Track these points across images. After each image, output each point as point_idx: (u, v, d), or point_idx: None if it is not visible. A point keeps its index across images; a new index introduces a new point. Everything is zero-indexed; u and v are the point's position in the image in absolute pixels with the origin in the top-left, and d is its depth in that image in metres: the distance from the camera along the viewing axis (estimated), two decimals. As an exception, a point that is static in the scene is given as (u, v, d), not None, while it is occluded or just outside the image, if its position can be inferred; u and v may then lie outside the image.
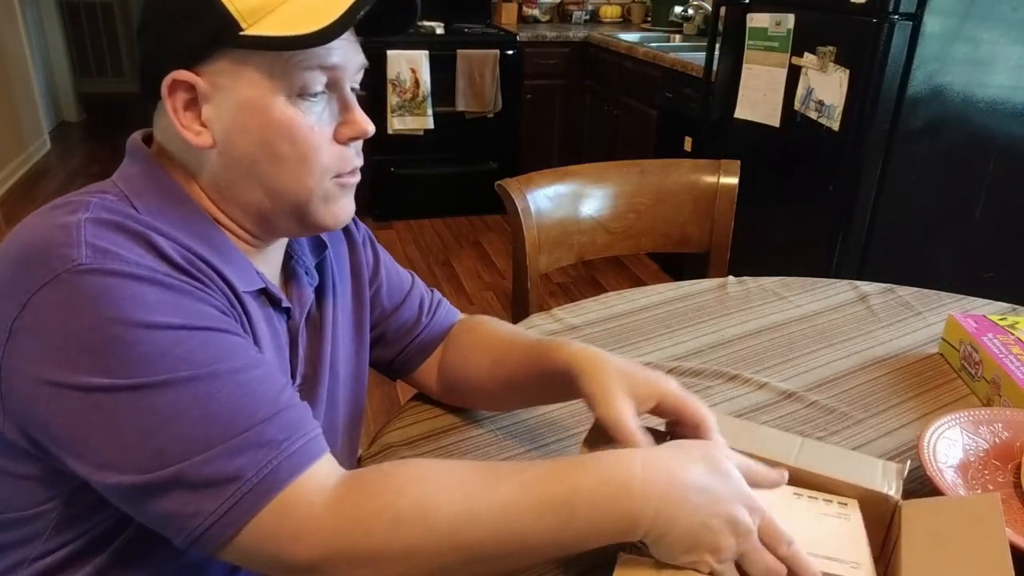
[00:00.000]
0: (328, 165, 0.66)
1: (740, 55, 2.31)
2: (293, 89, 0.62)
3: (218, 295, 0.61)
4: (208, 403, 0.54)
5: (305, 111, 0.63)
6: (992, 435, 0.80)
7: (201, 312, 0.57)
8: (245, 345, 0.59)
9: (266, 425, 0.55)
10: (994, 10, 1.91)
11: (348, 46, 0.64)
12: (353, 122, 0.67)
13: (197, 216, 0.65)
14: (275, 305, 0.70)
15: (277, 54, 0.60)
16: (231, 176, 0.65)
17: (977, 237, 2.15)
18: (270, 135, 0.62)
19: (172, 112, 0.62)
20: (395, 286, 0.88)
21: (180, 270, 0.58)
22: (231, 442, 0.54)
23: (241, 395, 0.56)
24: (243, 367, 0.57)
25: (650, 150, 3.09)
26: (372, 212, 3.69)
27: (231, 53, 0.60)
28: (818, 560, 0.57)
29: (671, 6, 3.77)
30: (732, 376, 0.99)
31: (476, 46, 3.47)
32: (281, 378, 0.60)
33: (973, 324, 1.01)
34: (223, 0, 0.59)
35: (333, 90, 0.65)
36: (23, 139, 4.34)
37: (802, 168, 2.16)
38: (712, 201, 1.50)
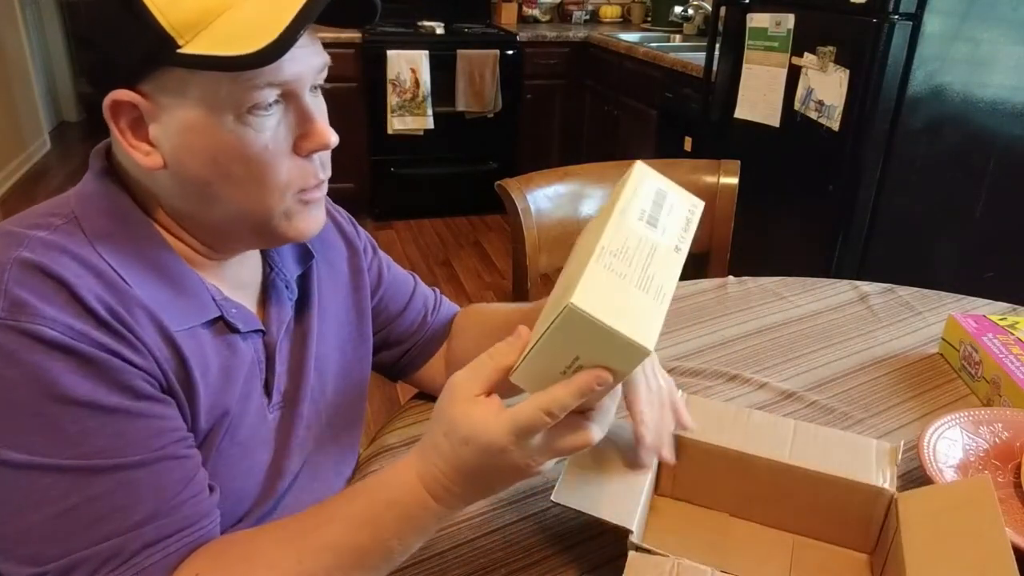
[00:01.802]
0: (288, 181, 0.61)
1: (740, 55, 2.31)
2: (241, 107, 0.57)
3: (141, 352, 0.57)
4: (79, 499, 0.53)
5: (258, 128, 0.58)
6: (992, 435, 0.80)
7: (109, 388, 0.55)
8: (151, 430, 0.57)
9: (132, 536, 0.54)
10: (994, 10, 1.91)
11: (302, 52, 0.58)
12: (313, 134, 0.62)
13: (149, 239, 0.62)
14: (236, 331, 0.66)
15: (221, 73, 0.55)
16: (186, 195, 0.62)
17: (977, 237, 2.15)
18: (220, 157, 0.59)
19: (118, 133, 0.59)
20: (398, 291, 0.88)
21: (101, 325, 0.55)
22: (88, 551, 0.52)
23: (119, 496, 0.54)
24: (135, 463, 0.55)
25: (650, 150, 3.09)
26: (372, 212, 3.69)
27: (172, 71, 0.56)
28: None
29: (671, 6, 3.77)
30: (732, 376, 0.99)
31: (476, 46, 3.46)
32: (183, 467, 0.58)
33: (973, 324, 1.01)
34: (155, 15, 0.54)
35: (289, 100, 0.60)
36: (23, 139, 4.33)
37: (802, 168, 2.16)
38: (712, 201, 1.50)
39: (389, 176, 3.60)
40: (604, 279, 0.48)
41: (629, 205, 0.53)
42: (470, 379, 0.53)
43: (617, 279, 0.48)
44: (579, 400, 0.49)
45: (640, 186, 0.55)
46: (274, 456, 0.70)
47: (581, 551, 0.69)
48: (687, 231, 0.55)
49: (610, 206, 0.54)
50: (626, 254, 0.50)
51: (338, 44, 3.33)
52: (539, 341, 0.48)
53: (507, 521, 0.73)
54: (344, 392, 0.80)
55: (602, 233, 0.50)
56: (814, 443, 0.71)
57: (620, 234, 0.51)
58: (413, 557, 0.68)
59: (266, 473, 0.70)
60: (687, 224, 0.56)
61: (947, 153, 2.02)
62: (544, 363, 0.50)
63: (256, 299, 0.72)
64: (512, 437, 0.50)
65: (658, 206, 0.55)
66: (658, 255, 0.52)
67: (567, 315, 0.46)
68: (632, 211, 0.53)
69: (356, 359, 0.82)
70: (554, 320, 0.47)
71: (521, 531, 0.72)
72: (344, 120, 3.45)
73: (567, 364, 0.49)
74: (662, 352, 1.04)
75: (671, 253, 0.53)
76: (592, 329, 0.46)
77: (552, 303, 0.51)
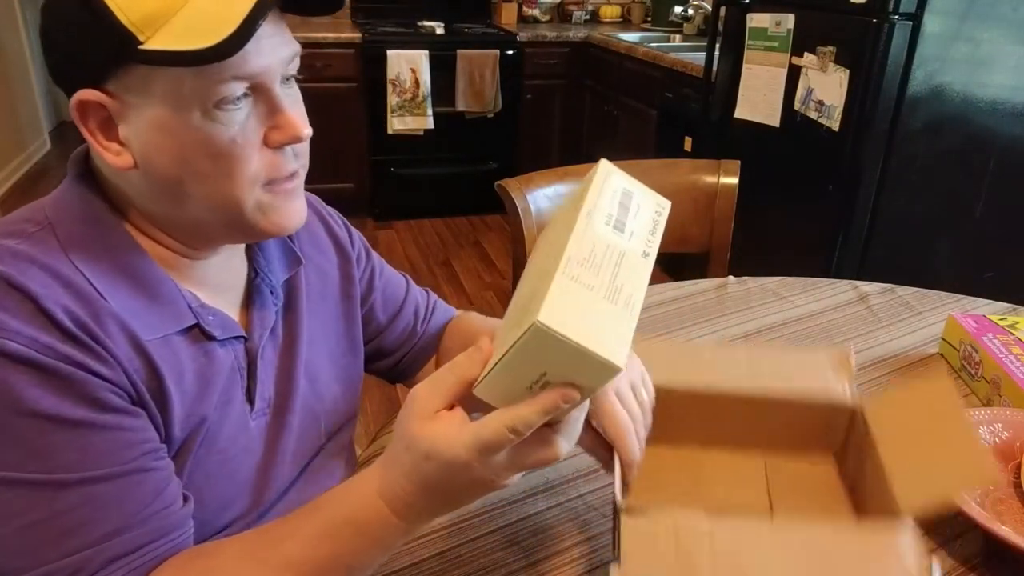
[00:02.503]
0: (257, 174, 0.60)
1: (740, 55, 2.31)
2: (208, 102, 0.56)
3: (109, 364, 0.56)
4: (43, 513, 0.52)
5: (226, 123, 0.57)
6: (992, 435, 0.80)
7: (75, 401, 0.54)
8: (118, 443, 0.56)
9: (97, 551, 0.53)
10: (994, 10, 1.91)
11: (269, 43, 0.57)
12: (284, 126, 0.60)
13: (124, 246, 0.62)
14: (212, 338, 0.65)
15: (184, 69, 0.55)
16: (158, 195, 0.61)
17: (977, 237, 2.15)
18: (188, 154, 0.58)
19: (88, 134, 0.59)
20: (390, 297, 0.87)
21: (67, 337, 0.54)
22: (51, 565, 0.52)
23: (82, 512, 0.53)
24: (100, 477, 0.54)
25: (650, 150, 3.09)
26: (372, 212, 3.69)
27: (136, 69, 0.55)
28: None
29: (671, 6, 3.77)
30: (732, 376, 0.98)
31: (476, 46, 3.46)
32: (151, 480, 0.57)
33: (973, 324, 1.01)
34: (114, 12, 0.53)
35: (259, 93, 0.59)
36: (23, 139, 4.33)
37: (802, 168, 2.16)
38: (712, 201, 1.50)
39: (389, 176, 3.60)
40: (571, 292, 0.45)
41: (595, 208, 0.51)
42: (431, 393, 0.50)
43: (585, 291, 0.46)
44: (545, 418, 0.47)
45: (605, 186, 0.52)
46: (260, 464, 0.69)
47: (581, 551, 0.69)
48: (654, 234, 0.53)
49: (575, 206, 0.52)
50: (593, 263, 0.48)
51: (338, 44, 3.33)
52: (504, 357, 0.46)
53: (507, 521, 0.73)
54: (339, 399, 0.79)
55: (568, 240, 0.47)
56: (770, 365, 0.72)
57: (586, 241, 0.48)
58: (413, 557, 0.68)
59: (251, 481, 0.68)
60: (654, 227, 0.53)
61: (947, 153, 2.02)
62: (509, 378, 0.47)
63: (239, 303, 0.71)
64: (475, 453, 0.48)
65: (624, 208, 0.52)
66: (626, 262, 0.49)
67: (534, 332, 0.43)
68: (598, 215, 0.50)
69: (348, 366, 0.81)
70: (520, 337, 0.44)
71: (521, 531, 0.72)
72: (344, 120, 3.46)
73: (533, 380, 0.47)
74: (662, 352, 1.04)
75: (639, 260, 0.50)
76: (560, 347, 0.44)
77: (516, 313, 0.49)
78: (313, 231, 0.80)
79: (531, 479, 0.78)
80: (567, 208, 0.54)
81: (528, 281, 0.52)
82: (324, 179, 3.51)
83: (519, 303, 0.51)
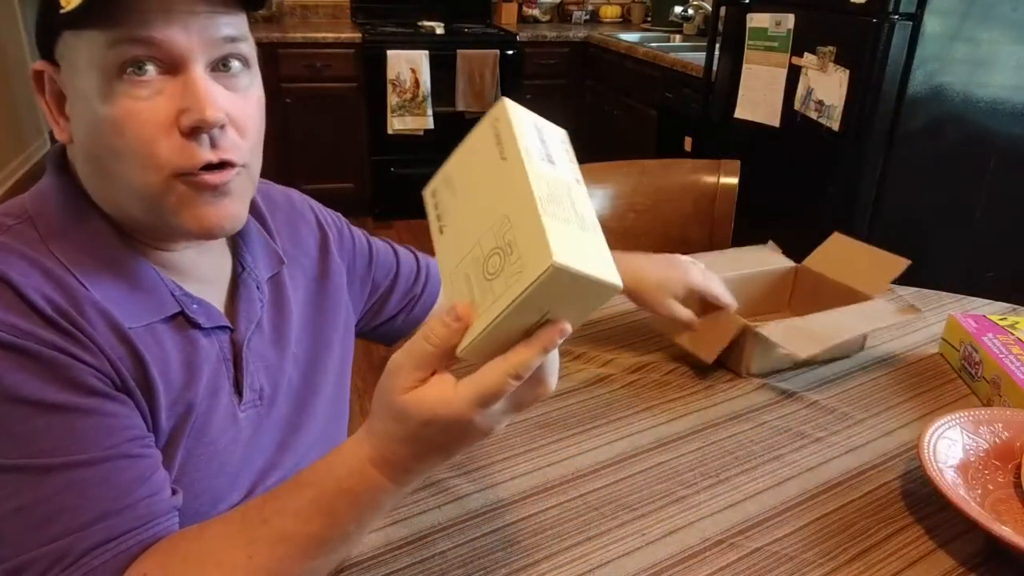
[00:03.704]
0: (167, 159, 0.57)
1: (740, 55, 2.30)
2: (113, 68, 0.54)
3: (91, 351, 0.56)
4: (27, 498, 0.52)
5: (133, 97, 0.55)
6: (992, 435, 0.80)
7: (58, 386, 0.54)
8: (102, 428, 0.55)
9: (78, 537, 0.53)
10: (994, 10, 1.91)
11: (184, 16, 0.55)
12: (191, 109, 0.56)
13: (103, 234, 0.61)
14: (197, 326, 0.65)
15: (96, 34, 0.54)
16: (92, 172, 0.61)
17: (977, 237, 2.15)
18: (101, 127, 0.56)
19: (44, 106, 0.60)
20: (384, 264, 0.91)
21: (48, 323, 0.54)
22: (35, 552, 0.52)
23: (66, 497, 0.53)
24: (83, 462, 0.54)
25: (650, 150, 3.09)
26: (372, 212, 3.69)
27: (65, 37, 0.56)
28: None
29: (671, 6, 3.77)
30: (732, 375, 0.99)
31: (476, 46, 3.46)
32: (137, 466, 0.57)
33: (973, 324, 1.01)
34: None
35: (175, 71, 0.56)
36: (23, 139, 4.33)
37: (802, 168, 2.16)
38: (712, 201, 1.51)
39: (389, 176, 3.60)
40: (558, 229, 0.45)
41: (528, 147, 0.50)
42: (412, 366, 0.49)
43: (565, 225, 0.46)
44: (543, 357, 0.47)
45: (521, 125, 0.51)
46: (252, 456, 0.69)
47: (581, 551, 0.69)
48: (573, 162, 0.54)
49: (498, 150, 0.50)
50: (554, 198, 0.48)
51: (338, 44, 3.33)
52: (506, 310, 0.45)
53: (507, 521, 0.73)
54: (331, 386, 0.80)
55: (527, 182, 0.47)
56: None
57: (541, 179, 0.48)
58: (413, 557, 0.68)
59: (243, 473, 0.68)
60: (568, 155, 0.55)
61: (947, 153, 2.02)
62: (505, 332, 0.47)
63: (224, 296, 0.70)
64: (476, 408, 0.47)
65: (543, 142, 0.53)
66: (573, 192, 0.51)
67: (552, 274, 0.43)
68: (534, 153, 0.50)
69: (341, 351, 0.82)
70: (532, 284, 0.44)
71: (521, 531, 0.72)
72: (344, 120, 3.46)
73: (534, 322, 0.47)
74: (663, 351, 1.04)
75: (578, 187, 0.52)
76: (572, 282, 0.44)
77: (487, 266, 0.48)
78: (301, 236, 0.80)
79: (531, 479, 0.78)
80: (483, 152, 0.52)
81: (470, 232, 0.50)
82: (324, 179, 3.52)
83: (479, 255, 0.49)
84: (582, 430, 0.87)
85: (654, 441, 0.85)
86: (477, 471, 0.79)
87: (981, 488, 0.75)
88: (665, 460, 0.82)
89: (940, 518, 0.74)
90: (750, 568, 0.68)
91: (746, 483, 0.79)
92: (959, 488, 0.72)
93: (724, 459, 0.83)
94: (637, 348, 1.05)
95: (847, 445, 0.85)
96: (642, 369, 1.00)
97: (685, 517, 0.74)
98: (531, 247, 0.45)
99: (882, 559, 0.69)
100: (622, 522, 0.73)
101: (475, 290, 0.48)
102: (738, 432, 0.87)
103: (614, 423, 0.88)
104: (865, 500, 0.77)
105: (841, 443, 0.86)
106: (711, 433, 0.87)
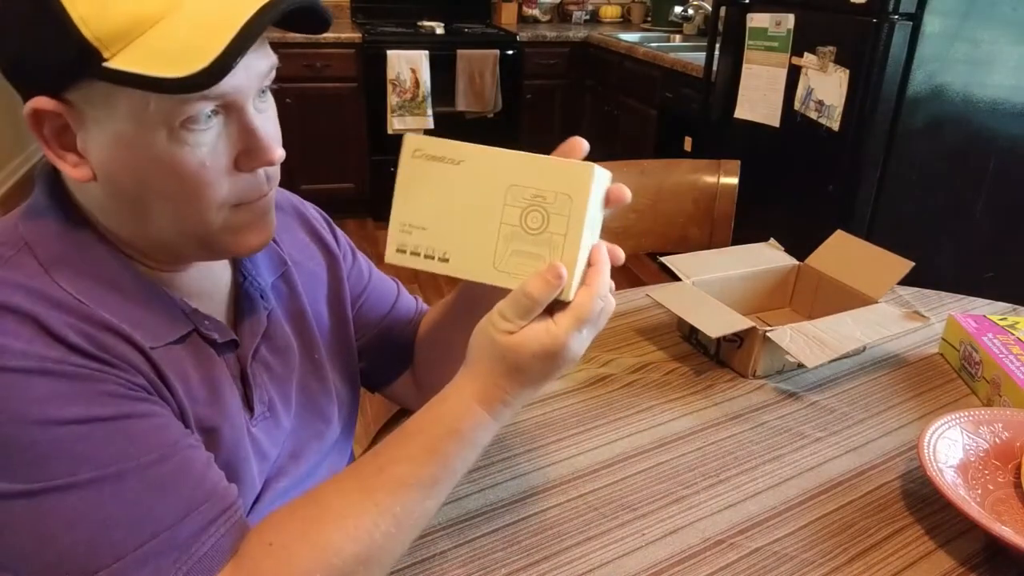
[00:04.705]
0: (227, 198, 0.58)
1: (740, 55, 2.31)
2: (174, 122, 0.52)
3: (123, 369, 0.55)
4: (113, 506, 0.51)
5: (194, 144, 0.54)
6: (992, 435, 0.80)
7: (103, 399, 0.53)
8: (159, 427, 0.55)
9: (176, 529, 0.53)
10: (994, 10, 1.91)
11: (245, 61, 0.52)
12: (257, 151, 0.57)
13: (106, 258, 0.59)
14: (212, 343, 0.64)
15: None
16: (119, 210, 0.58)
17: (977, 237, 2.15)
18: (151, 174, 0.55)
19: (43, 143, 0.55)
20: (380, 298, 0.86)
21: (75, 350, 0.53)
22: (138, 552, 0.51)
23: (150, 495, 0.53)
24: (154, 461, 0.54)
25: (650, 150, 3.09)
26: (372, 212, 3.69)
27: (98, 83, 0.51)
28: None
29: (671, 6, 3.77)
30: (732, 375, 0.99)
31: (476, 46, 3.46)
32: (201, 456, 0.57)
33: (973, 324, 1.01)
34: (78, 25, 0.49)
35: (230, 112, 0.55)
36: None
37: (802, 168, 2.16)
38: (712, 201, 1.51)
39: (389, 176, 3.58)
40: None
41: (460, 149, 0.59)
42: (515, 315, 0.56)
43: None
44: (608, 271, 0.58)
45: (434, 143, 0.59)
46: (262, 469, 0.68)
47: (581, 551, 0.69)
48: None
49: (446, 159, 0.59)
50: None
51: (338, 44, 3.33)
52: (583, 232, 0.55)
53: (507, 521, 0.73)
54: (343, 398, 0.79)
55: (505, 153, 0.57)
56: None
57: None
58: (413, 557, 0.68)
59: (254, 486, 0.68)
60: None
61: (947, 153, 2.02)
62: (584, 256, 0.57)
63: (225, 310, 0.69)
64: (576, 332, 0.56)
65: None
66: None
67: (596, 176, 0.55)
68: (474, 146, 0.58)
69: (348, 364, 0.81)
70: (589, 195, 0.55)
71: (521, 531, 0.72)
72: (344, 120, 3.46)
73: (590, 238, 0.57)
74: (663, 351, 1.05)
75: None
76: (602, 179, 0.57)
77: (520, 238, 0.57)
78: (295, 234, 0.79)
79: (531, 479, 0.78)
80: (428, 176, 0.59)
81: (480, 228, 0.58)
82: (324, 179, 3.51)
83: (512, 229, 0.57)
84: (582, 430, 0.87)
85: (654, 441, 0.85)
86: (477, 471, 0.79)
87: (981, 488, 0.75)
88: (665, 460, 0.82)
89: (940, 518, 0.74)
90: (750, 568, 0.68)
91: (746, 483, 0.79)
92: (959, 488, 0.72)
93: (724, 459, 0.83)
94: (637, 348, 1.05)
95: (847, 445, 0.85)
96: (642, 369, 1.00)
97: (685, 517, 0.74)
98: (562, 178, 0.56)
99: (882, 559, 0.69)
100: (622, 522, 0.73)
101: (534, 251, 0.57)
102: (738, 432, 0.87)
103: (614, 423, 0.88)
104: (865, 500, 0.77)
105: (841, 443, 0.86)
106: (711, 433, 0.87)
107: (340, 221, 0.97)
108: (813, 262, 1.15)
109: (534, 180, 0.56)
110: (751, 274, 1.14)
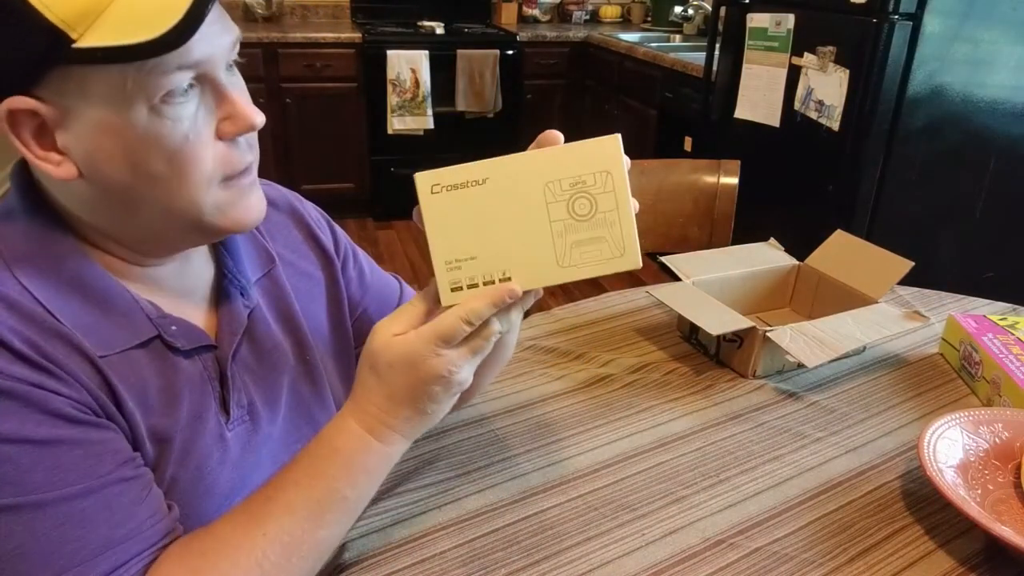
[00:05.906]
0: (214, 171, 0.57)
1: (740, 55, 2.31)
2: (154, 97, 0.52)
3: (67, 383, 0.54)
4: (24, 537, 0.50)
5: (174, 118, 0.54)
6: (992, 435, 0.80)
7: (39, 419, 0.52)
8: (91, 456, 0.54)
9: (87, 567, 0.52)
10: (994, 10, 1.91)
11: (211, 30, 0.53)
12: (236, 115, 0.57)
13: (72, 258, 0.58)
14: (176, 350, 0.63)
15: (126, 65, 0.51)
16: (108, 204, 0.57)
17: (977, 237, 2.15)
18: (138, 157, 0.54)
19: (22, 146, 0.53)
20: (384, 300, 0.85)
21: (20, 358, 0.52)
22: None
23: (66, 530, 0.51)
24: (78, 494, 0.52)
25: (650, 150, 3.09)
26: (372, 212, 3.69)
27: (71, 70, 0.50)
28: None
29: (671, 6, 3.77)
30: (732, 375, 0.99)
31: (476, 46, 3.46)
32: (132, 489, 0.56)
33: (973, 324, 1.01)
34: (39, 10, 0.48)
35: (205, 83, 0.56)
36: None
37: (802, 168, 2.16)
38: (712, 201, 1.51)
39: (389, 176, 3.60)
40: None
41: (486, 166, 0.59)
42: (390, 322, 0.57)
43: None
44: (492, 310, 0.56)
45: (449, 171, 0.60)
46: (241, 474, 0.67)
47: (581, 551, 0.69)
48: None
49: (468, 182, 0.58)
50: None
51: (338, 44, 3.33)
52: (628, 196, 0.58)
53: (507, 521, 0.73)
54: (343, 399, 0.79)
55: (526, 157, 0.59)
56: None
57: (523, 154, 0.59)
58: (413, 557, 0.68)
59: (232, 492, 0.66)
60: None
61: (947, 153, 2.02)
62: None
63: (204, 308, 0.68)
64: (433, 346, 0.55)
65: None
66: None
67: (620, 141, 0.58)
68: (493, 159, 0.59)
69: (347, 367, 0.80)
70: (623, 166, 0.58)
71: (521, 531, 0.72)
72: (344, 120, 3.46)
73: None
74: (663, 351, 1.05)
75: None
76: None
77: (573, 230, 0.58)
78: (288, 233, 0.78)
79: (531, 479, 0.78)
80: (458, 207, 0.58)
81: (530, 239, 0.58)
82: (324, 179, 3.52)
83: (565, 225, 0.58)
84: (582, 430, 0.87)
85: (654, 441, 0.85)
86: (476, 471, 0.79)
87: (981, 488, 0.75)
88: (665, 460, 0.82)
89: (940, 518, 0.74)
90: (750, 568, 0.68)
91: (746, 483, 0.79)
92: (959, 488, 0.72)
93: (724, 459, 0.83)
94: (637, 348, 1.05)
95: (847, 445, 0.85)
96: (642, 369, 1.00)
97: (685, 517, 0.74)
98: (593, 157, 0.57)
99: (882, 559, 0.69)
100: (622, 522, 0.73)
101: (594, 234, 0.58)
102: (738, 432, 0.87)
103: (614, 423, 0.88)
104: (865, 500, 0.77)
105: (841, 443, 0.86)
106: (711, 433, 0.87)
107: (340, 221, 0.97)
108: (813, 262, 1.15)
109: (567, 170, 0.57)
110: (751, 274, 1.14)
